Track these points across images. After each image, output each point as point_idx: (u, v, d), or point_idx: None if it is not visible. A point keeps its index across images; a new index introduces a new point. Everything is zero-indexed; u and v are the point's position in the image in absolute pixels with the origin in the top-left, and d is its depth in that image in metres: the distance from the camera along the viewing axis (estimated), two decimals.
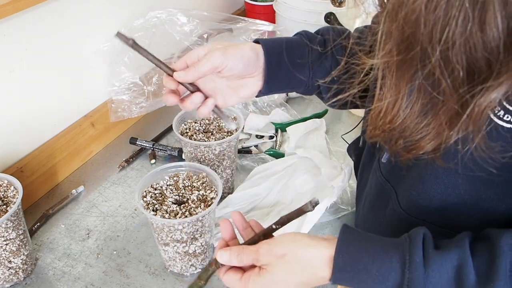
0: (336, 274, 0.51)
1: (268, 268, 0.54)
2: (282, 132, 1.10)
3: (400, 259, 0.49)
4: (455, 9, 0.38)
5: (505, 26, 0.38)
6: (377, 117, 0.50)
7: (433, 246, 0.49)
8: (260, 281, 0.54)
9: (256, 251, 0.55)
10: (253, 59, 0.66)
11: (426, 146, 0.47)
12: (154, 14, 1.12)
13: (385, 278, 0.49)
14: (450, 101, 0.43)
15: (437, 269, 0.47)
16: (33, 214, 0.91)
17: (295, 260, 0.53)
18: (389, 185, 0.63)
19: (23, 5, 0.80)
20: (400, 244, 0.50)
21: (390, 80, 0.47)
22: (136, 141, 1.07)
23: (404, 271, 0.48)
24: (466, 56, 0.40)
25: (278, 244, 0.54)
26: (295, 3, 1.25)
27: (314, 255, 0.52)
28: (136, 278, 0.79)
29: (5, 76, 0.85)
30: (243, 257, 0.56)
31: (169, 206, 0.75)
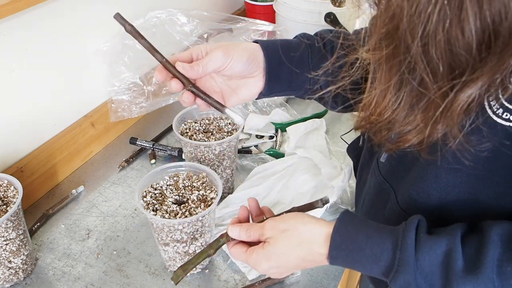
0: (332, 252, 0.54)
1: (271, 241, 0.58)
2: (282, 132, 1.10)
3: (393, 241, 0.51)
4: (434, 5, 0.40)
5: (478, 26, 0.39)
6: (367, 109, 0.52)
7: (425, 231, 0.51)
8: (262, 253, 0.58)
9: (262, 226, 0.59)
10: (253, 58, 0.66)
11: (412, 139, 0.49)
12: (154, 14, 1.12)
13: (377, 258, 0.51)
14: (432, 95, 0.45)
15: (427, 252, 0.49)
16: (33, 214, 0.91)
17: (295, 235, 0.57)
18: (388, 185, 0.63)
19: (23, 5, 0.80)
20: (395, 229, 0.52)
21: (379, 74, 0.49)
22: (136, 141, 1.07)
23: (395, 252, 0.50)
24: (446, 51, 0.42)
25: (282, 220, 0.59)
26: (295, 3, 1.25)
27: (313, 232, 0.56)
28: (136, 278, 0.79)
29: (5, 76, 0.85)
30: (251, 231, 0.60)
31: (169, 206, 0.75)
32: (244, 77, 0.67)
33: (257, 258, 0.59)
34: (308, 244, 0.56)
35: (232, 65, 0.64)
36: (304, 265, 0.59)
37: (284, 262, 0.58)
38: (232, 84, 0.68)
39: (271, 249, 0.58)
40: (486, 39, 0.40)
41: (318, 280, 0.78)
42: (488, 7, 0.38)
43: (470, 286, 0.47)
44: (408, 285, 0.50)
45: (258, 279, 0.78)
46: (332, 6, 1.17)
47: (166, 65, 0.63)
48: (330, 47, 0.69)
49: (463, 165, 0.49)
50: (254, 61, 0.66)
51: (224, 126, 0.94)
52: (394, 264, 0.50)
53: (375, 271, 0.53)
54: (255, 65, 0.67)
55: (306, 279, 0.79)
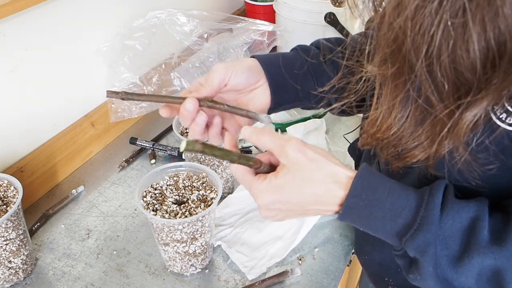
0: (350, 199, 0.50)
1: (292, 167, 0.51)
2: (282, 132, 1.10)
3: (418, 199, 0.49)
4: (437, 26, 0.40)
5: (482, 46, 0.39)
6: (372, 126, 0.51)
7: (453, 195, 0.49)
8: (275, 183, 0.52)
9: (286, 142, 0.52)
10: (254, 68, 0.66)
11: (419, 155, 0.48)
12: (154, 14, 1.12)
13: (396, 214, 0.49)
14: (437, 113, 0.45)
15: (452, 215, 0.47)
16: (33, 214, 0.91)
17: (322, 168, 0.51)
18: None
19: (23, 5, 0.80)
20: (420, 189, 0.50)
21: (385, 90, 0.48)
22: (136, 141, 1.07)
23: (419, 210, 0.48)
24: (450, 70, 0.41)
25: (311, 148, 0.52)
26: (295, 3, 1.25)
27: (339, 171, 0.51)
28: (136, 278, 0.79)
29: (5, 76, 0.85)
30: (265, 137, 0.53)
31: (169, 206, 0.75)
32: (250, 87, 0.67)
33: (264, 189, 0.52)
34: (330, 182, 0.51)
35: (235, 74, 0.63)
36: (312, 209, 0.53)
37: (291, 197, 0.52)
38: (242, 100, 0.67)
39: (283, 179, 0.51)
40: (491, 58, 0.40)
41: (318, 280, 0.78)
42: (492, 27, 0.38)
43: (491, 257, 0.45)
44: (427, 246, 0.47)
45: (258, 279, 0.78)
46: (332, 6, 1.17)
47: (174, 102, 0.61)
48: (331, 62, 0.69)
49: (471, 183, 0.49)
50: (255, 70, 0.66)
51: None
52: (415, 222, 0.48)
53: (389, 229, 0.49)
54: (257, 73, 0.66)
55: (306, 279, 0.79)
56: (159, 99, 0.61)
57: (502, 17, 0.38)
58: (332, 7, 1.18)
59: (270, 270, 0.80)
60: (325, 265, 0.81)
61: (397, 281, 0.68)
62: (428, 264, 0.48)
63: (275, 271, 0.80)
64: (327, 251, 0.83)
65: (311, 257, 0.82)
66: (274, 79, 0.67)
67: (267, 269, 0.80)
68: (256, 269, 0.79)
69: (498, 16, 0.38)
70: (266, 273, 0.80)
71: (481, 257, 0.46)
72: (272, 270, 0.80)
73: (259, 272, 0.79)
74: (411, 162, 0.49)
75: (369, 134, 0.52)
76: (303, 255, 0.82)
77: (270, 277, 0.78)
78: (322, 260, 0.82)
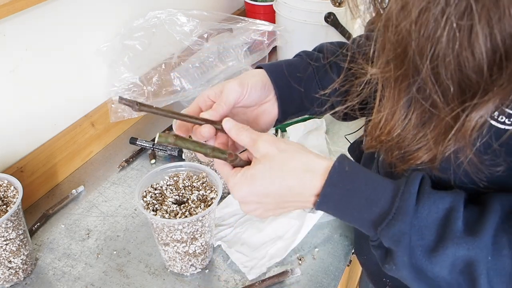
0: (327, 188, 0.50)
1: (263, 159, 0.53)
2: (282, 132, 1.10)
3: (394, 188, 0.49)
4: (443, 28, 0.39)
5: (489, 47, 0.39)
6: (376, 128, 0.51)
7: (430, 185, 0.49)
8: (247, 174, 0.53)
9: (258, 136, 0.54)
10: (266, 82, 0.66)
11: (423, 157, 0.48)
12: (154, 14, 1.12)
13: (373, 203, 0.49)
14: (443, 115, 0.44)
15: (428, 205, 0.48)
16: (33, 214, 0.91)
17: (293, 158, 0.52)
18: None
19: (23, 5, 0.80)
20: (397, 180, 0.51)
21: (388, 92, 0.48)
22: (136, 141, 1.07)
23: (394, 199, 0.48)
24: (456, 72, 0.41)
25: (283, 141, 0.54)
26: (295, 3, 1.25)
27: (312, 161, 0.52)
28: (136, 278, 0.79)
29: (5, 76, 0.85)
30: (243, 133, 0.55)
31: (169, 206, 0.75)
32: (261, 103, 0.67)
33: (239, 181, 0.53)
34: (303, 172, 0.51)
35: (250, 92, 0.63)
36: (287, 201, 0.53)
37: (267, 189, 0.52)
38: (251, 115, 0.67)
39: (256, 172, 0.52)
40: (498, 60, 0.40)
41: (318, 280, 0.78)
42: (499, 28, 0.38)
43: (465, 248, 0.46)
44: (401, 235, 0.48)
45: (258, 279, 0.78)
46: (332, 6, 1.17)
47: (188, 120, 0.60)
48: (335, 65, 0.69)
49: (477, 185, 0.48)
50: (267, 85, 0.66)
51: None
52: (391, 211, 0.48)
53: (366, 217, 0.50)
54: (269, 89, 0.66)
55: (306, 279, 0.79)
56: (173, 115, 0.59)
57: (509, 17, 0.37)
58: (332, 7, 1.18)
59: (270, 270, 0.80)
60: (325, 265, 0.81)
61: (394, 281, 0.68)
62: (403, 254, 0.48)
63: (275, 271, 0.80)
64: (327, 251, 0.83)
65: (311, 257, 0.82)
66: (281, 91, 0.66)
67: (267, 269, 0.80)
68: (256, 269, 0.79)
69: (505, 16, 0.37)
70: (266, 273, 0.80)
71: (455, 248, 0.46)
72: (272, 270, 0.80)
73: (259, 272, 0.79)
74: (415, 164, 0.49)
75: (372, 136, 0.52)
76: (303, 255, 0.82)
77: (270, 277, 0.78)
78: (322, 260, 0.82)
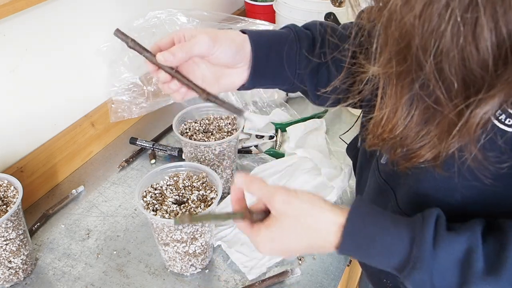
0: (344, 242, 0.51)
1: (278, 220, 0.54)
2: (282, 132, 1.10)
3: (410, 236, 0.49)
4: (447, 23, 0.39)
5: (494, 41, 0.38)
6: (378, 126, 0.50)
7: (445, 228, 0.49)
8: (266, 235, 0.54)
9: (273, 194, 0.54)
10: (241, 50, 0.64)
11: (426, 155, 0.48)
12: (154, 14, 1.12)
13: (391, 253, 0.49)
14: (446, 111, 0.44)
15: (446, 249, 0.47)
16: (33, 214, 0.91)
17: (306, 220, 0.53)
18: (388, 186, 0.63)
19: (23, 5, 0.80)
20: (412, 222, 0.50)
21: (390, 90, 0.48)
22: (136, 141, 1.07)
23: (412, 248, 0.48)
24: (460, 68, 0.40)
25: (296, 198, 0.54)
26: (295, 3, 1.25)
27: (326, 220, 0.52)
28: (136, 278, 0.79)
29: (5, 76, 0.85)
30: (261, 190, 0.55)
31: (169, 206, 0.75)
32: (229, 67, 0.65)
33: (260, 240, 0.55)
34: (318, 231, 0.53)
35: (218, 54, 0.61)
36: (310, 251, 0.55)
37: (288, 245, 0.55)
38: (215, 72, 0.65)
39: (276, 231, 0.54)
40: (503, 54, 0.39)
41: (318, 280, 0.78)
42: (504, 21, 0.37)
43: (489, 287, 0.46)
44: (423, 284, 0.48)
45: (258, 279, 0.78)
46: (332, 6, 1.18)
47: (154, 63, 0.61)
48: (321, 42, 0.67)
49: (482, 182, 0.48)
50: (241, 53, 0.64)
51: (224, 126, 0.94)
52: (409, 260, 0.48)
53: (388, 265, 0.50)
54: (242, 56, 0.64)
55: (306, 279, 0.79)
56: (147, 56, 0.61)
57: None
58: (332, 7, 1.18)
59: (270, 270, 0.80)
60: (325, 265, 0.81)
61: (394, 282, 0.68)
62: None
63: (275, 271, 0.80)
64: None
65: (311, 257, 0.82)
66: (258, 63, 0.65)
67: (267, 269, 0.80)
68: (256, 269, 0.79)
69: (511, 9, 0.37)
70: (266, 273, 0.80)
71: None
72: (272, 270, 0.80)
73: (259, 272, 0.79)
74: (418, 162, 0.49)
75: (375, 134, 0.52)
76: (303, 255, 0.82)
77: (270, 277, 0.78)
78: (322, 260, 0.82)
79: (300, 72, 0.68)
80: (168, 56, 0.59)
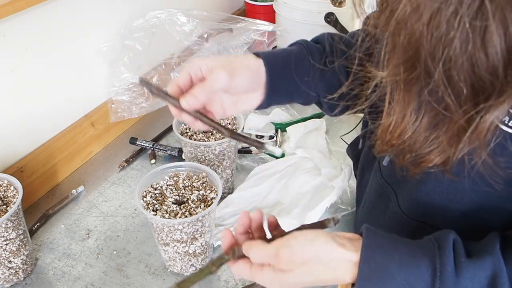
0: (361, 282, 0.49)
1: (287, 272, 0.51)
2: (282, 132, 1.10)
3: (430, 267, 0.47)
4: (456, 30, 0.38)
5: (504, 47, 0.38)
6: (386, 132, 0.50)
7: (464, 254, 0.48)
8: (273, 277, 0.52)
9: (276, 255, 0.51)
10: (257, 76, 0.65)
11: (435, 159, 0.47)
12: (154, 14, 1.12)
13: (412, 287, 0.47)
14: (455, 117, 0.43)
15: (470, 278, 0.46)
16: (33, 214, 0.91)
17: (316, 267, 0.50)
18: (389, 188, 0.63)
19: (23, 5, 0.80)
20: (428, 250, 0.48)
21: (397, 96, 0.47)
22: (136, 141, 1.07)
23: (434, 281, 0.47)
24: (469, 74, 0.40)
25: (299, 250, 0.51)
26: (295, 3, 1.25)
27: (338, 261, 0.50)
28: (136, 278, 0.79)
29: (5, 76, 0.85)
30: (260, 255, 0.53)
31: (169, 206, 0.75)
32: (247, 93, 0.66)
33: (267, 279, 0.52)
34: (332, 272, 0.50)
35: (236, 86, 0.62)
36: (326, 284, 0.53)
37: (303, 285, 0.52)
38: (233, 97, 0.66)
39: (287, 278, 0.51)
40: None
41: None
42: None
43: None
44: None
45: None
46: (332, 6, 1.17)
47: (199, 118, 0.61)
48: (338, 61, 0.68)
49: (493, 188, 0.47)
50: (257, 79, 0.65)
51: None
52: None
53: None
54: (258, 81, 0.65)
55: None
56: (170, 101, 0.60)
57: None
58: (332, 7, 1.18)
59: None
60: None
61: None
62: None
63: None
64: None
65: None
66: (274, 85, 0.65)
67: None
68: None
69: None
70: None
71: None
72: None
73: None
74: (427, 166, 0.48)
75: (383, 140, 0.51)
76: None
77: None
78: None
79: (314, 86, 0.68)
80: (191, 100, 0.59)
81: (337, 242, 0.51)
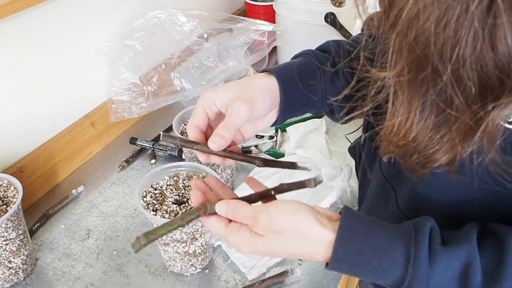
0: (334, 263, 0.50)
1: (263, 238, 0.52)
2: (282, 132, 1.10)
3: (404, 254, 0.48)
4: (465, 28, 0.38)
5: None
6: (391, 133, 0.50)
7: (440, 242, 0.48)
8: (249, 240, 0.52)
9: (254, 218, 0.52)
10: (275, 98, 0.64)
11: (441, 159, 0.47)
12: (154, 14, 1.12)
13: (385, 272, 0.48)
14: (463, 117, 0.43)
15: (444, 266, 0.47)
16: (33, 214, 0.91)
17: (293, 237, 0.51)
18: (389, 185, 0.63)
19: (23, 5, 0.80)
20: (405, 235, 0.49)
21: (402, 96, 0.47)
22: (136, 141, 1.07)
23: (407, 267, 0.47)
24: (478, 73, 0.40)
25: (279, 218, 0.51)
26: (295, 3, 1.25)
27: (314, 239, 0.50)
28: (136, 278, 0.79)
29: (5, 76, 0.85)
30: (238, 216, 0.53)
31: (169, 206, 0.75)
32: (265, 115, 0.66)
33: (241, 241, 0.52)
34: (305, 247, 0.51)
35: (258, 114, 0.61)
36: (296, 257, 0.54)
37: (273, 255, 0.53)
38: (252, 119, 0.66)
39: (260, 243, 0.51)
40: None
41: (318, 280, 0.78)
42: None
43: None
44: None
45: (258, 279, 0.78)
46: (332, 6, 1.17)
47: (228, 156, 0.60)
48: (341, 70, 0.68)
49: (504, 187, 0.47)
50: (275, 100, 0.64)
51: None
52: (405, 279, 0.47)
53: (383, 282, 0.49)
54: (276, 102, 0.65)
55: (306, 279, 0.79)
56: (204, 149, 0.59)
57: None
58: (332, 7, 1.18)
59: (270, 270, 0.80)
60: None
61: None
62: None
63: (275, 271, 0.80)
64: None
65: None
66: (287, 101, 0.65)
67: (267, 269, 0.80)
68: (256, 269, 0.79)
69: None
70: (266, 273, 0.79)
71: None
72: (272, 270, 0.80)
73: (259, 272, 0.79)
74: (433, 166, 0.48)
75: (388, 142, 0.51)
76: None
77: (270, 277, 0.78)
78: None
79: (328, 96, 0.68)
80: (219, 142, 0.58)
81: (317, 219, 0.51)
